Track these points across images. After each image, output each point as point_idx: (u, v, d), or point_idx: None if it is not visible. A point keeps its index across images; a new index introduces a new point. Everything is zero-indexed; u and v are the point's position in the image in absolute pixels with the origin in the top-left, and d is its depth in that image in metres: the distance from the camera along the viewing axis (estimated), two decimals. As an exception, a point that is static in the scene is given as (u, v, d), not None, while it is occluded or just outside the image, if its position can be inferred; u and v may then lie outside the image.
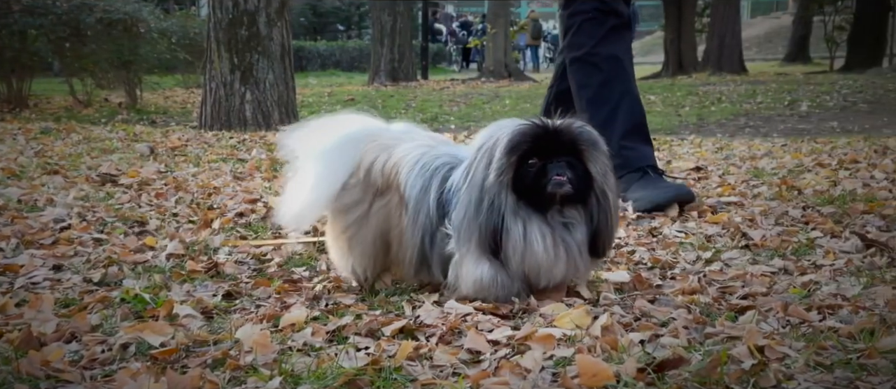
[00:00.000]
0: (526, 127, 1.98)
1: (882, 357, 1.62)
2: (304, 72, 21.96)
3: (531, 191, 1.96)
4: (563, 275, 2.04)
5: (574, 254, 2.01)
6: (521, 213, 1.98)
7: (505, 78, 18.39)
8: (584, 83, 3.33)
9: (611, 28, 3.29)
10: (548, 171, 1.95)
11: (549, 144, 1.97)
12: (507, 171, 1.96)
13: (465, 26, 29.61)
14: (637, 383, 1.54)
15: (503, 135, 1.98)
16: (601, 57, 3.30)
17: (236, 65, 8.25)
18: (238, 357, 1.73)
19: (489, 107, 11.98)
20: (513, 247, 1.98)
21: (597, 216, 2.02)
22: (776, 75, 16.48)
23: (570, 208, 2.00)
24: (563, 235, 2.00)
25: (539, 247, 1.97)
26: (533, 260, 1.99)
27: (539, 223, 1.98)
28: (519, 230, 1.97)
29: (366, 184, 2.18)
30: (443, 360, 1.71)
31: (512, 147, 1.96)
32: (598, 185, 2.00)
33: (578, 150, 1.98)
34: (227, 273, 2.53)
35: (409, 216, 2.10)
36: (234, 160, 5.33)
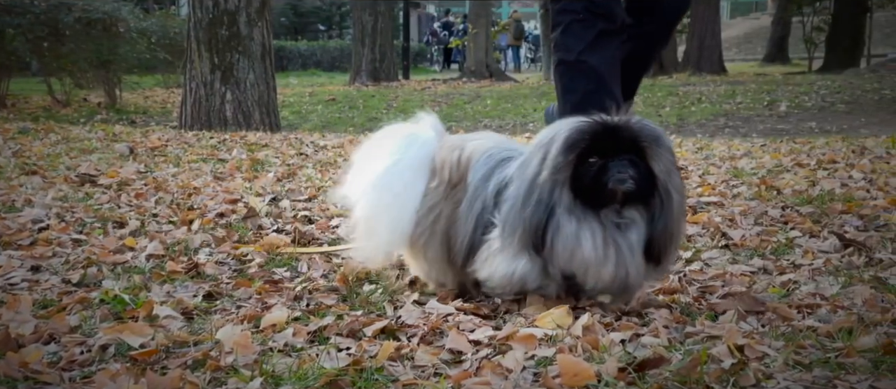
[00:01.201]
0: (584, 124, 1.90)
1: (860, 355, 1.63)
2: (284, 72, 21.89)
3: (591, 189, 1.88)
4: (611, 277, 1.94)
5: (625, 256, 1.91)
6: (575, 212, 1.90)
7: (486, 78, 18.41)
8: (570, 88, 3.27)
9: (600, 33, 3.21)
10: (609, 169, 1.87)
11: (609, 142, 1.88)
12: (564, 169, 1.89)
13: (446, 26, 29.61)
14: (618, 382, 1.55)
15: (561, 133, 1.91)
16: (589, 65, 3.21)
17: (217, 65, 8.21)
18: (219, 357, 1.72)
19: (470, 107, 11.99)
20: (563, 245, 1.90)
21: (658, 218, 1.92)
22: (755, 76, 16.61)
23: (629, 208, 1.91)
24: (614, 235, 1.91)
25: (588, 245, 1.89)
26: (580, 258, 1.91)
27: (591, 221, 1.90)
28: (571, 227, 1.90)
29: (447, 183, 2.11)
30: (424, 360, 1.71)
31: (570, 145, 1.89)
32: (662, 184, 1.90)
33: (640, 148, 1.89)
34: (207, 273, 2.51)
35: (466, 202, 2.04)
36: (215, 160, 5.30)
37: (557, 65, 3.34)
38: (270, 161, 5.23)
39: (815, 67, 19.04)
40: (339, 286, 2.33)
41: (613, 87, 3.24)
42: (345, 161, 5.19)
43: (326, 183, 4.23)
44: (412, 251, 2.20)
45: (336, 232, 3.05)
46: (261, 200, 3.59)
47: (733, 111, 10.67)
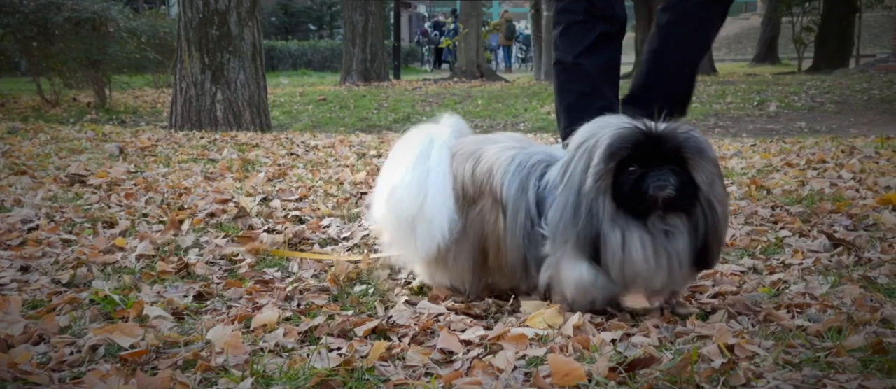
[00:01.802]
0: (626, 131, 1.85)
1: (849, 355, 1.64)
2: (275, 72, 21.86)
3: (631, 198, 1.84)
4: (663, 284, 1.91)
5: (675, 264, 1.88)
6: (619, 221, 1.86)
7: (477, 78, 18.42)
8: (565, 88, 3.26)
9: (600, 35, 3.16)
10: (648, 178, 1.83)
11: (651, 151, 1.84)
12: (606, 177, 1.85)
13: (437, 26, 29.62)
14: (609, 382, 1.55)
15: (603, 138, 1.86)
16: (585, 69, 3.17)
17: (207, 65, 8.19)
18: (209, 358, 1.72)
19: (461, 106, 11.99)
20: (611, 256, 1.86)
21: (703, 227, 1.88)
22: (745, 76, 16.66)
23: (672, 216, 1.87)
24: (664, 243, 1.87)
25: (639, 256, 1.85)
26: (632, 269, 1.87)
27: (639, 230, 1.86)
28: (617, 238, 1.86)
29: (462, 198, 2.06)
30: (415, 360, 1.71)
31: (611, 153, 1.84)
32: (704, 195, 1.86)
33: (683, 158, 1.85)
34: (198, 273, 2.51)
35: (508, 218, 1.99)
36: (205, 160, 5.29)
37: (555, 63, 3.33)
38: (261, 161, 5.22)
39: (804, 67, 19.11)
40: (330, 286, 2.33)
41: (608, 92, 3.23)
42: (336, 161, 5.19)
43: (317, 182, 4.23)
44: (438, 265, 2.14)
45: (327, 231, 3.05)
46: (251, 200, 3.58)
47: (723, 111, 10.70)
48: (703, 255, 1.90)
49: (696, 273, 1.99)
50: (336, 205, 3.55)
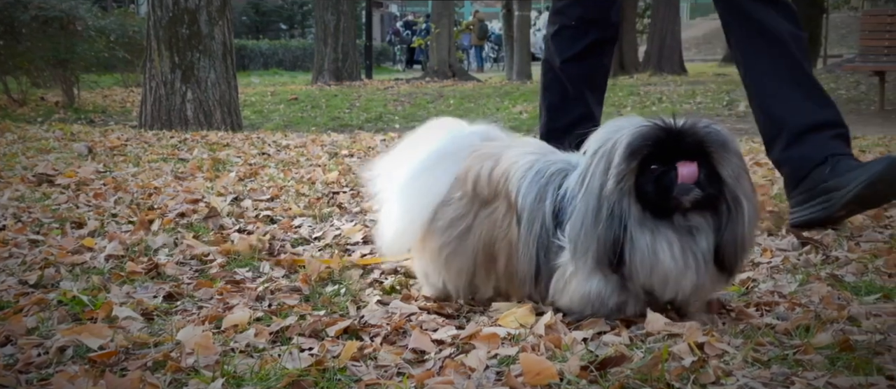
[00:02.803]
0: (646, 128, 1.80)
1: (817, 352, 1.66)
2: (246, 72, 21.72)
3: (654, 197, 1.78)
4: (692, 286, 1.83)
5: (701, 264, 1.81)
6: (647, 223, 1.80)
7: (449, 77, 18.43)
8: (548, 88, 3.22)
9: (591, 43, 3.08)
10: (672, 176, 1.77)
11: (673, 147, 1.78)
12: (628, 177, 1.79)
13: (409, 26, 29.60)
14: (580, 381, 1.56)
15: (622, 138, 1.81)
16: (571, 75, 3.12)
17: (177, 64, 8.13)
18: (179, 359, 1.70)
19: (433, 106, 12.00)
20: (640, 260, 1.80)
21: (726, 225, 1.81)
22: (715, 76, 16.81)
23: (696, 214, 1.81)
24: (689, 243, 1.80)
25: (666, 257, 1.79)
26: (661, 271, 1.80)
27: (666, 231, 1.80)
28: (646, 240, 1.79)
29: (473, 196, 1.99)
30: (387, 360, 1.70)
31: (632, 151, 1.78)
32: (730, 191, 1.80)
33: (707, 153, 1.79)
34: (168, 274, 2.49)
35: (523, 226, 1.93)
36: (176, 160, 5.25)
37: (544, 62, 3.29)
38: (232, 160, 5.19)
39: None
40: (302, 286, 2.32)
41: (590, 99, 3.19)
42: (307, 160, 5.17)
43: (289, 182, 4.21)
44: (432, 259, 2.08)
45: (299, 231, 3.04)
46: (222, 200, 3.56)
47: (693, 111, 10.80)
48: (727, 255, 1.83)
49: (723, 277, 1.88)
50: (308, 205, 3.53)
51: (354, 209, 3.44)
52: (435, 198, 2.02)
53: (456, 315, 2.04)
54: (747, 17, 2.90)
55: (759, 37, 2.89)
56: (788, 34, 2.88)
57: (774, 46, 2.87)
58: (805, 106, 2.90)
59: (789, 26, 2.90)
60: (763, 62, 2.93)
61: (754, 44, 2.90)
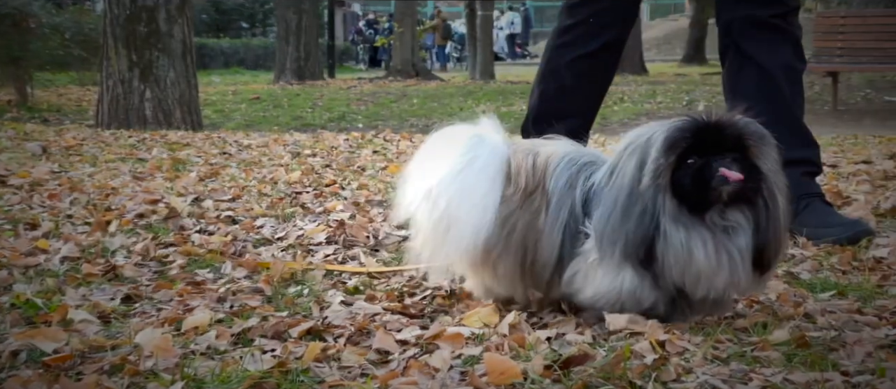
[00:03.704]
0: (684, 122, 1.76)
1: (774, 349, 1.68)
2: (206, 71, 21.48)
3: (692, 192, 1.74)
4: (724, 285, 1.79)
5: (737, 263, 1.77)
6: (682, 219, 1.75)
7: (412, 77, 18.42)
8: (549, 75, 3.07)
9: (601, 46, 2.98)
10: (711, 167, 1.73)
11: (712, 140, 1.75)
12: (665, 172, 1.75)
13: (371, 25, 29.52)
14: (544, 380, 1.56)
15: (658, 133, 1.77)
16: (573, 73, 3.01)
17: (135, 63, 8.02)
18: (137, 362, 1.68)
19: (397, 105, 11.98)
20: (674, 257, 1.75)
21: (765, 222, 1.78)
22: (675, 76, 17.01)
23: (732, 210, 1.77)
24: (724, 241, 1.76)
25: (700, 255, 1.75)
26: (694, 270, 1.76)
27: (699, 228, 1.76)
28: (680, 237, 1.75)
29: (524, 190, 1.92)
30: (351, 361, 1.69)
31: (670, 145, 1.74)
32: (769, 185, 1.77)
33: (745, 146, 1.76)
34: (126, 276, 2.45)
35: (550, 212, 1.88)
36: (134, 160, 5.18)
37: (551, 49, 3.12)
38: (192, 160, 5.13)
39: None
40: (264, 287, 2.29)
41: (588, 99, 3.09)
42: (270, 160, 5.13)
43: (251, 182, 4.17)
44: (481, 265, 1.98)
45: (261, 232, 3.01)
46: (183, 200, 3.51)
47: (654, 110, 10.91)
48: (763, 254, 1.79)
49: (759, 277, 1.84)
50: (270, 205, 3.50)
51: (317, 209, 3.41)
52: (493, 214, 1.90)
53: (420, 315, 2.03)
54: (742, 50, 2.87)
55: (749, 71, 2.86)
56: (782, 69, 2.85)
57: (763, 82, 2.83)
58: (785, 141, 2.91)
59: (786, 58, 2.87)
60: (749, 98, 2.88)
61: (744, 78, 2.87)
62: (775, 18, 2.84)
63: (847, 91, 11.66)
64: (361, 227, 2.96)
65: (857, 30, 10.15)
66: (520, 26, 31.74)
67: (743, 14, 2.84)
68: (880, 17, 10.55)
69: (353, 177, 4.35)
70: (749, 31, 2.85)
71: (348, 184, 4.06)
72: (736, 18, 2.86)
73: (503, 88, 14.34)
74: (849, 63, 10.24)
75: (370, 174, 4.46)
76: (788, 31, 2.88)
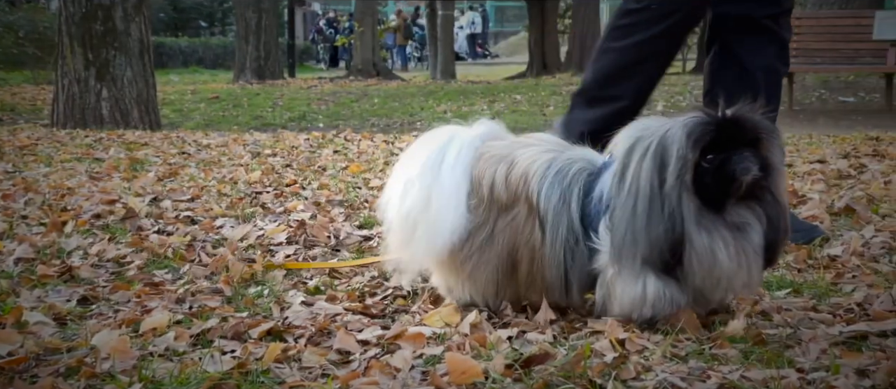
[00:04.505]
0: (704, 118, 1.72)
1: (732, 346, 1.71)
2: (165, 70, 21.22)
3: (716, 186, 1.71)
4: (743, 284, 1.80)
5: (751, 261, 1.76)
6: (704, 221, 1.73)
7: (373, 76, 18.36)
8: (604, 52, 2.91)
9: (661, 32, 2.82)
10: (732, 161, 1.70)
11: (729, 135, 1.72)
12: (690, 169, 1.71)
13: (332, 24, 29.38)
14: (505, 379, 1.57)
15: (674, 131, 1.72)
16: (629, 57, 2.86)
17: (91, 61, 7.91)
18: (94, 364, 1.65)
19: (358, 105, 11.94)
20: (698, 260, 1.73)
21: (776, 217, 1.77)
22: (634, 77, 17.13)
23: (741, 208, 1.75)
24: (741, 241, 1.75)
25: (723, 256, 1.73)
26: (717, 272, 1.74)
27: (721, 229, 1.74)
28: (703, 240, 1.72)
29: (490, 202, 1.89)
30: (311, 361, 1.69)
31: (695, 139, 1.70)
32: (775, 180, 1.76)
33: (758, 140, 1.74)
34: (82, 277, 2.41)
35: (547, 230, 1.84)
36: (90, 159, 5.10)
37: (607, 29, 2.98)
38: (151, 160, 5.06)
39: (688, 68, 19.80)
40: (224, 287, 2.27)
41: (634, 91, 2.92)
42: (229, 160, 5.08)
43: (210, 182, 4.13)
44: (453, 272, 1.96)
45: (220, 232, 2.98)
46: (141, 200, 3.47)
47: (613, 111, 10.98)
48: (774, 250, 1.79)
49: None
50: (230, 205, 3.47)
51: (278, 209, 3.39)
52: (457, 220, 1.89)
53: (382, 315, 2.03)
54: (729, 48, 2.88)
55: (731, 70, 2.87)
56: (763, 70, 2.85)
57: (742, 81, 2.82)
58: None
59: (769, 59, 2.87)
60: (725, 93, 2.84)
61: (725, 75, 2.87)
62: (768, 19, 2.84)
63: (802, 91, 11.85)
64: (322, 227, 2.95)
65: (811, 31, 10.32)
66: (480, 26, 31.81)
67: (739, 12, 2.83)
68: (834, 18, 10.74)
69: (314, 176, 4.33)
70: (740, 30, 2.85)
71: (309, 184, 4.04)
72: (731, 15, 2.85)
73: (464, 88, 14.36)
74: (803, 64, 10.41)
75: (331, 174, 4.44)
76: (777, 33, 2.89)
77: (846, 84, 12.42)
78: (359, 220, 3.15)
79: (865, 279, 2.24)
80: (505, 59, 29.90)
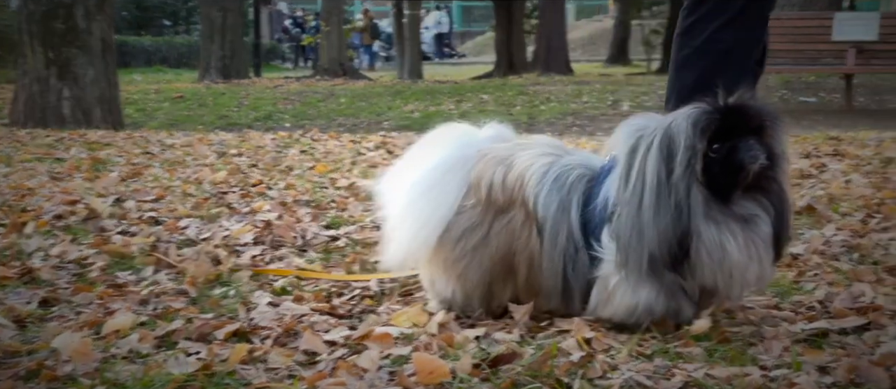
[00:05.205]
0: (708, 107, 1.69)
1: (696, 345, 1.72)
2: (128, 69, 20.95)
3: (724, 175, 1.68)
4: (755, 278, 1.76)
5: (762, 254, 1.73)
6: (712, 213, 1.69)
7: (340, 76, 18.29)
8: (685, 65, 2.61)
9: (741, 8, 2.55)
10: (739, 149, 1.67)
11: (734, 124, 1.68)
12: (698, 160, 1.67)
13: (298, 23, 29.23)
14: (472, 379, 1.57)
15: (679, 122, 1.69)
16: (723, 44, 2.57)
17: (52, 60, 7.79)
18: (55, 367, 1.63)
19: (324, 105, 11.89)
20: (707, 254, 1.69)
21: (780, 205, 1.74)
22: (600, 76, 17.27)
23: (747, 200, 1.72)
24: (748, 231, 1.72)
25: (733, 248, 1.69)
26: (728, 266, 1.70)
27: (729, 222, 1.70)
28: (712, 233, 1.69)
29: (487, 203, 1.86)
30: (278, 362, 1.68)
31: (701, 128, 1.67)
32: (781, 170, 1.74)
33: (764, 127, 1.71)
34: (43, 279, 2.37)
35: (546, 239, 1.81)
36: (51, 159, 5.02)
37: (678, 35, 2.69)
38: (114, 160, 5.00)
39: (653, 68, 19.98)
40: (189, 288, 2.25)
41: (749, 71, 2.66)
42: (194, 160, 5.03)
43: (175, 182, 4.09)
44: (441, 268, 1.93)
45: (185, 233, 2.95)
46: (103, 201, 3.42)
47: (580, 110, 11.06)
48: (781, 241, 1.77)
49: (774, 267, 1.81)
50: (195, 206, 3.44)
51: (244, 209, 3.36)
52: (447, 211, 1.87)
53: (349, 315, 2.02)
54: None
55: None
56: None
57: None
58: None
59: None
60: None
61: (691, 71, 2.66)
62: None
63: (764, 91, 12.01)
64: (289, 227, 2.93)
65: (773, 32, 10.35)
66: (447, 26, 31.83)
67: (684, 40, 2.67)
68: (795, 19, 10.89)
69: (281, 176, 4.30)
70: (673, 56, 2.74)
71: (275, 184, 4.01)
72: None
73: (431, 88, 14.36)
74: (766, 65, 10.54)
75: (297, 174, 4.42)
76: None
77: (807, 85, 12.61)
78: (326, 220, 3.13)
79: (826, 277, 2.27)
80: (472, 58, 29.95)
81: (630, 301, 1.77)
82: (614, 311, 1.80)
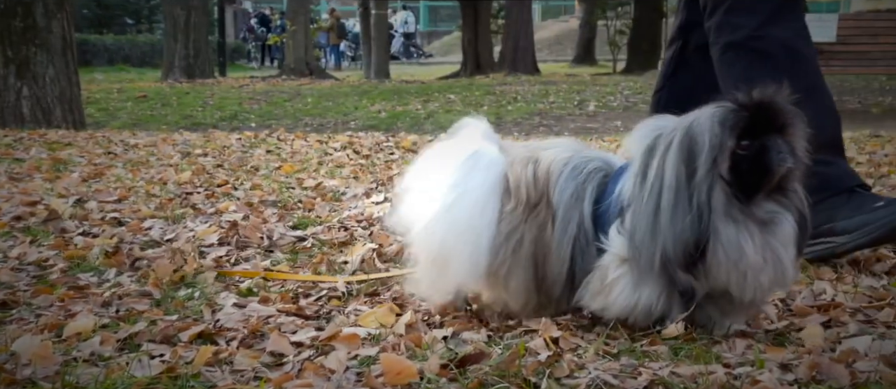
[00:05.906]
0: (733, 105, 1.65)
1: (663, 343, 1.73)
2: (89, 68, 20.68)
3: (752, 174, 1.64)
4: (770, 282, 1.72)
5: (781, 257, 1.69)
6: (732, 212, 1.65)
7: (306, 76, 18.20)
8: (747, 76, 2.25)
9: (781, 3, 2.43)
10: (769, 149, 1.63)
11: (762, 121, 1.64)
12: (725, 158, 1.64)
13: (263, 22, 29.03)
14: (440, 379, 1.57)
15: (703, 121, 1.65)
16: (771, 40, 2.43)
17: (11, 59, 7.67)
18: (14, 370, 1.60)
19: (291, 104, 11.82)
20: (725, 254, 1.65)
21: (801, 205, 1.71)
22: (566, 76, 17.37)
23: (769, 201, 1.68)
24: (766, 234, 1.68)
25: (750, 249, 1.66)
26: (743, 268, 1.67)
27: (747, 222, 1.66)
28: (731, 233, 1.65)
29: (525, 204, 1.81)
30: (244, 364, 1.66)
31: (731, 126, 1.63)
32: (801, 170, 1.70)
33: (786, 126, 1.66)
34: (2, 281, 2.33)
35: (557, 225, 1.77)
36: (10, 160, 4.94)
37: (723, 52, 2.51)
38: (75, 160, 4.93)
39: (618, 69, 20.14)
40: (152, 290, 2.22)
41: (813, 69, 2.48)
42: (158, 160, 4.97)
43: (138, 183, 4.04)
44: (490, 281, 1.88)
45: (149, 234, 2.92)
46: (64, 202, 3.37)
47: (547, 110, 11.11)
48: (803, 240, 1.73)
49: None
50: (159, 206, 3.40)
51: (209, 210, 3.33)
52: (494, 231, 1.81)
53: (316, 316, 2.01)
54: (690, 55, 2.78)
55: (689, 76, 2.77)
56: None
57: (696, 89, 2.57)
58: None
59: None
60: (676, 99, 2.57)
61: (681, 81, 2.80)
62: None
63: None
64: (255, 228, 2.91)
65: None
66: (414, 25, 31.82)
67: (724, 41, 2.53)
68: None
69: (246, 177, 4.27)
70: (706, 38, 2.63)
71: (241, 185, 3.98)
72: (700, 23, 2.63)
73: (398, 88, 14.34)
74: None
75: (264, 174, 4.39)
76: None
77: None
78: (292, 221, 3.11)
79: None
80: (439, 58, 29.97)
81: (629, 298, 1.74)
82: (609, 305, 1.76)
